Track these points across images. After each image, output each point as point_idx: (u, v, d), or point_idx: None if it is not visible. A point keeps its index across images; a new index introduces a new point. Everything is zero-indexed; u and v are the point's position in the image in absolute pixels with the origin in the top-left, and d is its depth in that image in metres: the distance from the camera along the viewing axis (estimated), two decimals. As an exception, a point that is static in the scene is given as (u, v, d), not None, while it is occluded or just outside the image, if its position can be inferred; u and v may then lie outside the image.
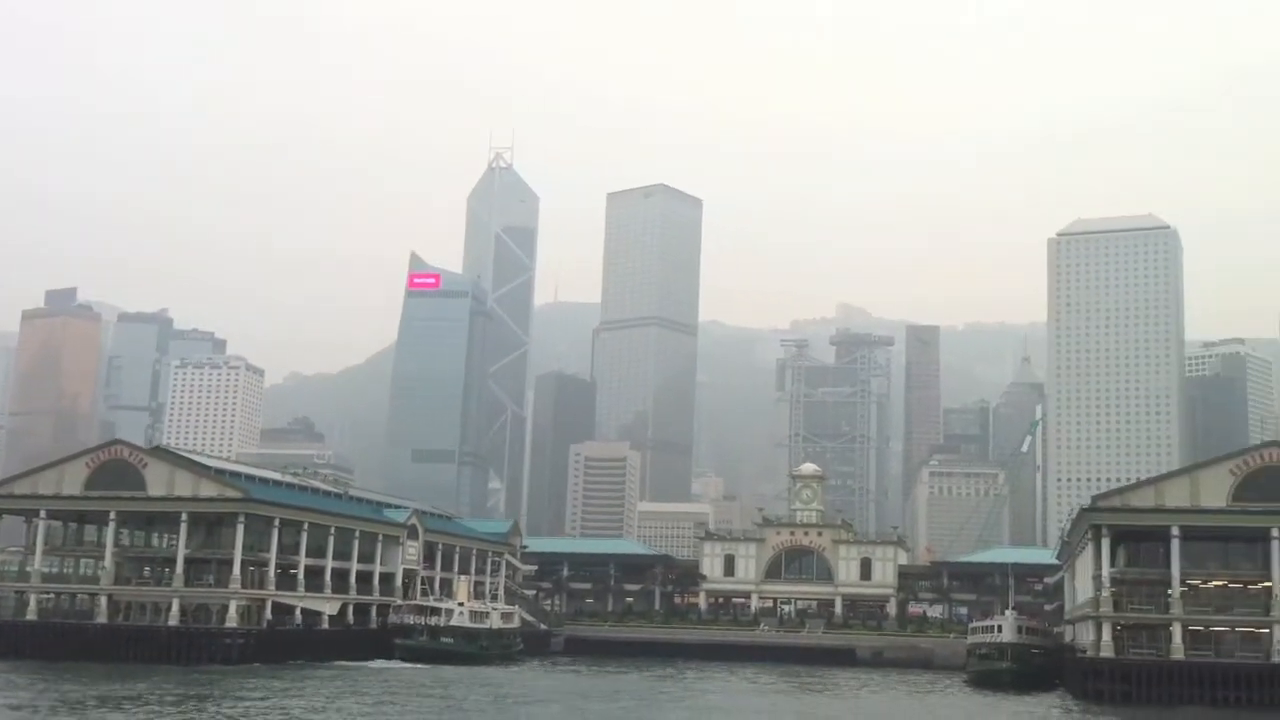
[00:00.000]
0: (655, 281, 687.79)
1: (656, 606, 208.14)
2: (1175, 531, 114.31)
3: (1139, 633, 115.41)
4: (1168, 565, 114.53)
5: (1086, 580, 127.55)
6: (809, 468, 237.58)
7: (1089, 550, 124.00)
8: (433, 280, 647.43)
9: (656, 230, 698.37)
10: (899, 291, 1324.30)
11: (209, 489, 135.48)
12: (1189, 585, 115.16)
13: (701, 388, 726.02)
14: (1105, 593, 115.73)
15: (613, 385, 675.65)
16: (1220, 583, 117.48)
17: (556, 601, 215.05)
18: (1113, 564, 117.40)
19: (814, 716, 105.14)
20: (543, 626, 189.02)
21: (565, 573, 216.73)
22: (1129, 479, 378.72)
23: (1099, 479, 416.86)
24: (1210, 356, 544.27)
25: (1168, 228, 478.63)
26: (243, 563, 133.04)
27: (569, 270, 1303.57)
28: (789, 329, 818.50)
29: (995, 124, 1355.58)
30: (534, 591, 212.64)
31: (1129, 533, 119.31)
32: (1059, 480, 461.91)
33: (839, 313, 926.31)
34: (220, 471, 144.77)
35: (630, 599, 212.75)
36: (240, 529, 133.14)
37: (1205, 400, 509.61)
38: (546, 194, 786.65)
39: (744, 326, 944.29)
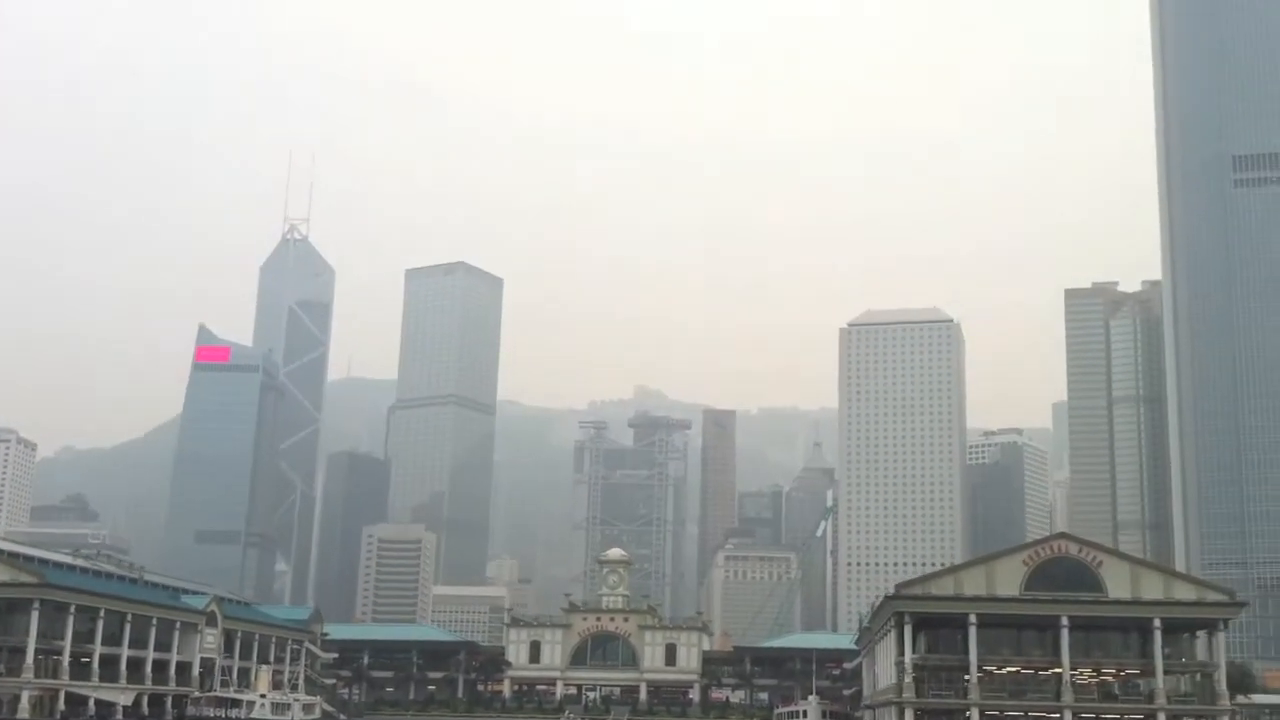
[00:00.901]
0: (453, 360, 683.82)
1: (460, 695, 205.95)
2: (972, 619, 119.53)
3: (939, 718, 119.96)
4: (966, 652, 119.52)
5: (888, 665, 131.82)
6: (616, 552, 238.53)
7: (891, 636, 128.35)
8: (222, 354, 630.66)
9: (456, 308, 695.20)
10: (694, 373, 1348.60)
11: (2, 573, 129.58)
12: (985, 671, 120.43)
13: (498, 468, 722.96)
14: (907, 678, 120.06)
15: (407, 464, 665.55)
16: (1014, 669, 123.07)
17: (356, 691, 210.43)
18: (914, 650, 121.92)
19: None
20: (342, 717, 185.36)
21: (366, 661, 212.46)
22: (916, 563, 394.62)
23: (887, 564, 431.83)
24: (990, 445, 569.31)
25: (951, 321, 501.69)
26: (36, 651, 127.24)
27: (365, 346, 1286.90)
28: (586, 409, 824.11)
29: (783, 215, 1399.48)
30: (333, 680, 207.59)
31: (929, 619, 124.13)
32: (849, 565, 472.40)
33: (636, 394, 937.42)
34: (13, 555, 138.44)
35: (433, 687, 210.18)
36: (35, 615, 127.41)
37: (985, 488, 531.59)
38: (343, 268, 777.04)
39: (542, 406, 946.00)
